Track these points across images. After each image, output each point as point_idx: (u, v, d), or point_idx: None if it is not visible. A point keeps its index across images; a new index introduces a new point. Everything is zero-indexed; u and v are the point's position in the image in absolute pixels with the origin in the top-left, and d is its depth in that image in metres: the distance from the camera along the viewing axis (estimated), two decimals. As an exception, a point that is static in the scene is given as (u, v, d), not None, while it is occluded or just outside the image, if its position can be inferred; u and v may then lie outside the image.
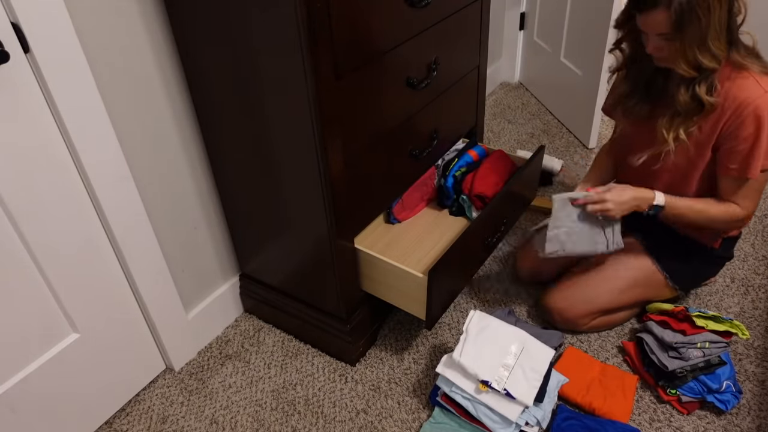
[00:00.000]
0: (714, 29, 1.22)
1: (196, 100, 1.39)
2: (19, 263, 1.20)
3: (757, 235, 1.99)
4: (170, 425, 1.50)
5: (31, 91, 1.10)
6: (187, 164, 1.47)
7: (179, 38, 1.30)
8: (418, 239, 1.61)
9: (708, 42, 1.23)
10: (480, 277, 1.89)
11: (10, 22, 1.03)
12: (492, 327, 1.45)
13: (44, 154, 1.16)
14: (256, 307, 1.78)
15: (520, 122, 2.77)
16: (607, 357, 1.61)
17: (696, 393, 1.43)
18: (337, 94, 1.19)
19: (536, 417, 1.36)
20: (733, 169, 1.36)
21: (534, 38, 2.87)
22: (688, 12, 1.20)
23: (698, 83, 1.30)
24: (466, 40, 1.63)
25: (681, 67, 1.28)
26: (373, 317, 1.64)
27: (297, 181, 1.33)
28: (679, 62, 1.27)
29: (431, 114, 1.57)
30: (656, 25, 1.25)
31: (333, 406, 1.53)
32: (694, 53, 1.25)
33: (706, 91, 1.30)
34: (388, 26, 1.28)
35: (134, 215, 1.37)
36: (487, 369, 1.35)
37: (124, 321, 1.46)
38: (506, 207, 1.68)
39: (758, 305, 1.73)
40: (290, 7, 1.04)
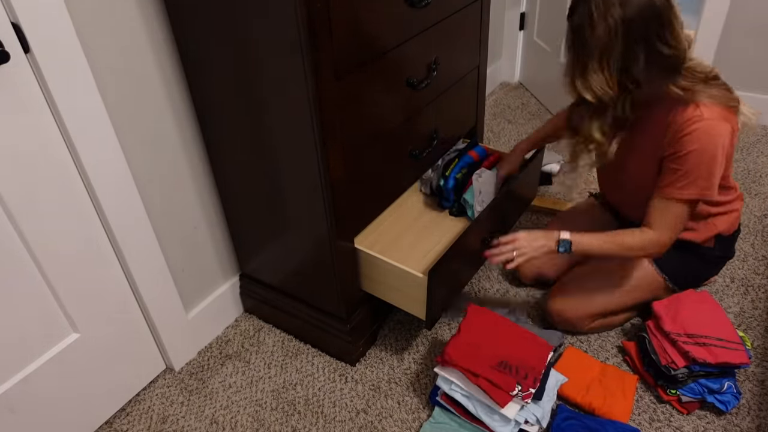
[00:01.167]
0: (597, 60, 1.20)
1: (196, 100, 1.39)
2: (19, 263, 1.20)
3: (757, 235, 1.99)
4: (170, 425, 1.50)
5: (31, 91, 1.10)
6: (187, 164, 1.47)
7: (179, 38, 1.30)
8: (418, 239, 1.61)
9: (587, 71, 1.22)
10: (480, 277, 1.89)
11: (10, 22, 1.03)
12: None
13: (44, 154, 1.16)
14: (256, 307, 1.78)
15: (520, 122, 2.77)
16: (607, 357, 1.61)
17: (696, 393, 1.42)
18: (337, 94, 1.19)
19: (536, 415, 1.36)
20: (662, 188, 1.35)
21: (534, 38, 2.87)
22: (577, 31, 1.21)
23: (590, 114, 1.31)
24: (466, 40, 1.63)
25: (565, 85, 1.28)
26: (373, 317, 1.64)
27: (297, 181, 1.33)
28: (564, 79, 1.28)
29: (431, 114, 1.57)
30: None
31: (333, 406, 1.53)
32: (574, 75, 1.25)
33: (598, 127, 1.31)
34: (388, 26, 1.28)
35: (134, 215, 1.37)
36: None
37: (124, 321, 1.46)
38: (506, 207, 1.68)
39: (758, 305, 1.73)
40: (290, 7, 1.04)
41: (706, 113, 1.26)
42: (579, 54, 1.23)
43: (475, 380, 1.35)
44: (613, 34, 1.18)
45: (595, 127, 1.31)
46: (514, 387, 1.33)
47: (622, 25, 1.18)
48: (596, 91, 1.24)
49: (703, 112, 1.27)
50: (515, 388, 1.33)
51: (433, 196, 1.75)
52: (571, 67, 1.25)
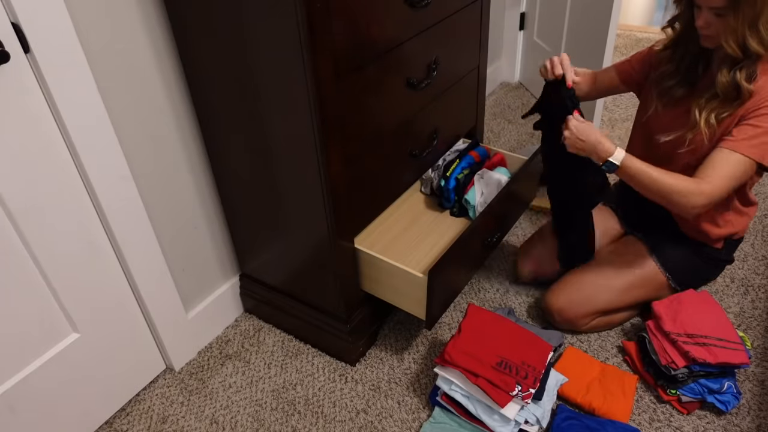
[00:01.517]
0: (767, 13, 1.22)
1: (196, 99, 1.39)
2: (19, 263, 1.20)
3: (757, 235, 1.99)
4: (170, 425, 1.50)
5: (31, 91, 1.10)
6: (187, 164, 1.47)
7: (179, 38, 1.30)
8: (418, 239, 1.61)
9: (759, 24, 1.23)
10: (480, 277, 1.89)
11: (10, 22, 1.03)
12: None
13: (44, 154, 1.16)
14: (256, 307, 1.78)
15: (520, 122, 2.77)
16: (607, 357, 1.61)
17: (696, 393, 1.43)
18: (337, 94, 1.19)
19: (536, 415, 1.36)
20: (727, 139, 1.34)
21: (534, 38, 2.87)
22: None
23: (740, 68, 1.29)
24: (466, 40, 1.63)
25: (729, 44, 1.27)
26: (373, 317, 1.64)
27: (297, 181, 1.33)
28: (728, 40, 1.27)
29: (431, 114, 1.57)
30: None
31: (333, 406, 1.53)
32: (744, 33, 1.24)
33: (746, 78, 1.30)
34: (388, 26, 1.28)
35: (134, 215, 1.37)
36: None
37: (124, 321, 1.46)
38: (506, 207, 1.68)
39: (758, 305, 1.73)
40: (290, 7, 1.04)
41: None
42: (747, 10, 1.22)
43: (475, 380, 1.35)
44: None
45: (743, 77, 1.30)
46: (514, 387, 1.33)
47: None
48: (766, 43, 1.25)
49: None
50: (515, 388, 1.33)
51: (434, 196, 1.75)
52: (740, 26, 1.24)
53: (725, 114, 1.34)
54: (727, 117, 1.35)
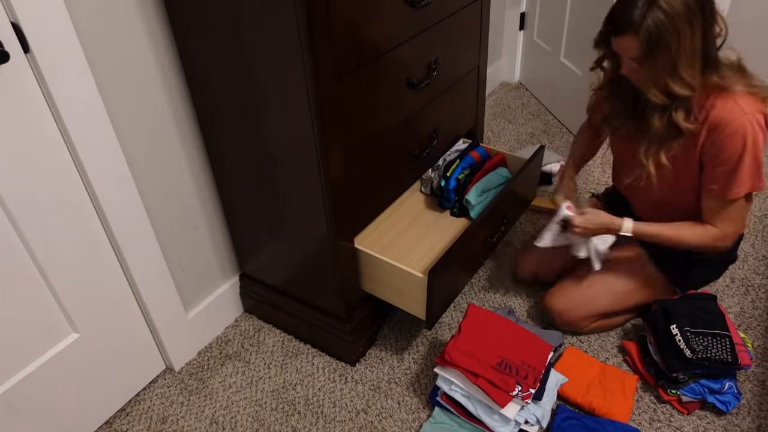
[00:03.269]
0: (685, 56, 1.20)
1: (196, 100, 1.39)
2: (19, 263, 1.20)
3: (757, 235, 1.99)
4: (170, 425, 1.50)
5: (31, 91, 1.10)
6: (187, 164, 1.47)
7: (179, 38, 1.30)
8: (418, 239, 1.61)
9: (679, 69, 1.21)
10: (480, 277, 1.89)
11: (10, 22, 1.03)
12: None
13: (44, 154, 1.16)
14: (256, 307, 1.78)
15: (520, 122, 2.77)
16: (607, 357, 1.61)
17: (697, 393, 1.43)
18: (337, 94, 1.19)
19: (536, 415, 1.36)
20: (714, 189, 1.35)
21: (534, 38, 2.87)
22: (657, 39, 1.18)
23: (674, 109, 1.28)
24: (466, 40, 1.63)
25: (652, 93, 1.26)
26: (373, 317, 1.64)
27: (297, 181, 1.33)
28: (651, 88, 1.26)
29: (431, 114, 1.57)
30: (627, 49, 1.24)
31: (333, 406, 1.53)
32: (665, 80, 1.23)
33: (684, 118, 1.28)
34: (388, 26, 1.28)
35: (134, 215, 1.37)
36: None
37: (124, 321, 1.46)
38: (506, 207, 1.68)
39: (758, 305, 1.73)
40: (290, 7, 1.04)
41: (745, 106, 1.25)
42: (664, 58, 1.20)
43: (475, 380, 1.35)
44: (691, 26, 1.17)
45: (681, 118, 1.28)
46: (514, 387, 1.33)
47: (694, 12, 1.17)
48: (691, 84, 1.23)
49: (742, 105, 1.25)
50: (515, 388, 1.33)
51: (434, 196, 1.75)
52: (658, 74, 1.23)
53: (672, 151, 1.34)
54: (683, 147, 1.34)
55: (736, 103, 1.26)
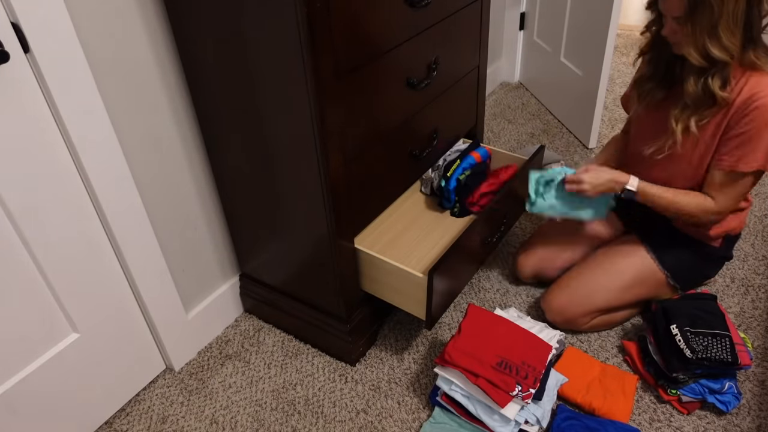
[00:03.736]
0: (726, 20, 1.21)
1: (196, 100, 1.39)
2: (19, 263, 1.20)
3: (757, 235, 1.99)
4: (170, 425, 1.50)
5: (31, 91, 1.10)
6: (187, 164, 1.47)
7: (179, 38, 1.30)
8: (418, 239, 1.61)
9: (719, 31, 1.22)
10: (480, 277, 1.89)
11: (10, 22, 1.03)
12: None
13: (44, 154, 1.16)
14: (256, 307, 1.78)
15: (520, 122, 2.77)
16: (607, 357, 1.61)
17: (697, 393, 1.43)
18: (337, 94, 1.19)
19: (536, 415, 1.36)
20: (724, 159, 1.36)
21: (534, 38, 2.87)
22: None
23: (711, 76, 1.29)
24: (466, 40, 1.63)
25: (691, 54, 1.27)
26: (373, 317, 1.64)
27: (297, 181, 1.33)
28: (689, 49, 1.27)
29: (431, 114, 1.57)
30: (672, 7, 1.26)
31: (333, 406, 1.53)
32: (704, 41, 1.24)
33: (720, 86, 1.29)
34: (388, 26, 1.28)
35: (134, 215, 1.37)
36: None
37: (124, 321, 1.46)
38: (506, 207, 1.68)
39: (758, 305, 1.73)
40: (290, 7, 1.04)
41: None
42: (704, 18, 1.22)
43: (475, 380, 1.35)
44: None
45: (717, 86, 1.29)
46: (514, 387, 1.33)
47: None
48: (730, 49, 1.24)
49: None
50: (515, 388, 1.33)
51: (434, 196, 1.75)
52: (698, 34, 1.24)
53: (704, 120, 1.35)
54: (708, 122, 1.35)
55: (767, 80, 1.28)
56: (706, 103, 1.33)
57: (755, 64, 1.29)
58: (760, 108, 1.28)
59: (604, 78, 2.32)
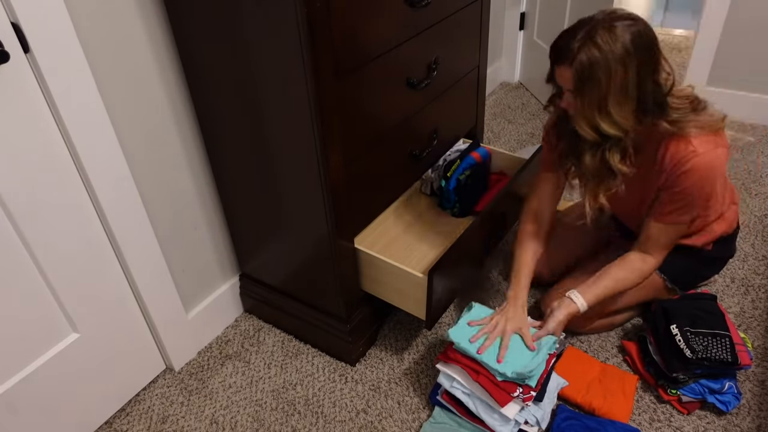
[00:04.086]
0: (615, 95, 1.18)
1: (196, 100, 1.39)
2: (19, 263, 1.20)
3: (757, 235, 1.99)
4: (170, 425, 1.50)
5: (31, 91, 1.10)
6: (187, 164, 1.47)
7: (179, 38, 1.30)
8: (419, 239, 1.61)
9: (608, 107, 1.19)
10: (480, 277, 1.89)
11: (10, 22, 1.03)
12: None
13: (44, 154, 1.16)
14: (256, 307, 1.78)
15: (520, 122, 2.77)
16: (607, 357, 1.61)
17: (697, 393, 1.42)
18: (337, 94, 1.19)
19: (536, 416, 1.36)
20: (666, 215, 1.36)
21: (534, 38, 2.87)
22: (588, 73, 1.17)
23: (608, 149, 1.27)
24: (466, 40, 1.63)
25: (582, 128, 1.25)
26: (373, 317, 1.64)
27: (297, 181, 1.33)
28: (580, 123, 1.25)
29: (431, 114, 1.57)
30: (564, 80, 1.23)
31: (333, 406, 1.53)
32: (593, 116, 1.21)
33: (619, 160, 1.28)
34: (388, 26, 1.28)
35: (134, 215, 1.37)
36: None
37: (124, 321, 1.46)
38: (506, 207, 1.68)
39: (758, 305, 1.73)
40: (290, 7, 1.04)
41: (699, 147, 1.26)
42: (593, 93, 1.19)
43: (476, 377, 1.35)
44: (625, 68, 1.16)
45: (616, 159, 1.28)
46: (515, 389, 1.33)
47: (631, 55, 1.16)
48: (621, 124, 1.22)
49: (696, 146, 1.26)
50: (516, 389, 1.33)
51: (434, 196, 1.76)
52: (587, 109, 1.22)
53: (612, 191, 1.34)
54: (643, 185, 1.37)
55: (689, 144, 1.26)
56: (608, 176, 1.31)
57: (670, 131, 1.27)
58: (691, 170, 1.27)
59: (604, 78, 2.32)
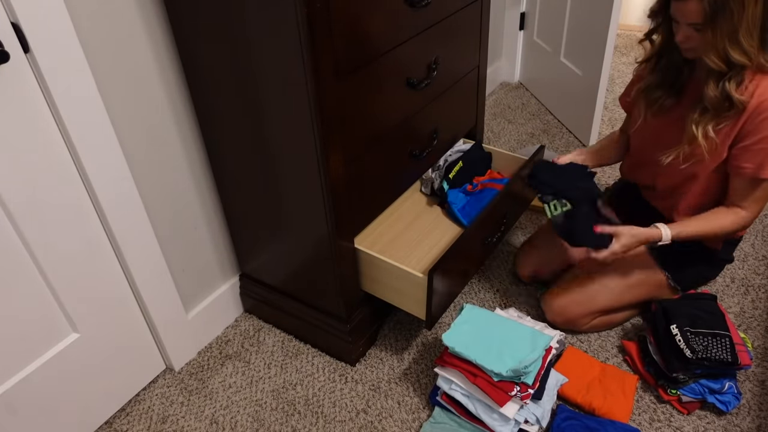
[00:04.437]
0: (746, 24, 1.22)
1: (196, 100, 1.39)
2: (19, 263, 1.20)
3: (757, 235, 1.99)
4: (170, 425, 1.50)
5: (31, 92, 1.10)
6: (187, 164, 1.47)
7: (179, 38, 1.30)
8: (418, 239, 1.61)
9: (739, 36, 1.23)
10: (480, 277, 1.89)
11: (10, 22, 1.03)
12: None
13: (44, 154, 1.16)
14: (256, 307, 1.78)
15: (520, 122, 2.77)
16: (607, 357, 1.61)
17: (697, 393, 1.42)
18: (337, 94, 1.19)
19: (535, 415, 1.36)
20: (746, 168, 1.36)
21: (534, 38, 2.87)
22: (722, 4, 1.20)
23: (728, 79, 1.29)
24: (466, 40, 1.63)
25: (711, 59, 1.27)
26: (373, 317, 1.64)
27: (297, 181, 1.33)
28: (709, 54, 1.27)
29: (431, 114, 1.57)
30: (689, 14, 1.25)
31: (333, 406, 1.53)
32: (725, 46, 1.24)
33: (736, 88, 1.29)
34: (388, 26, 1.28)
35: (134, 215, 1.37)
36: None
37: (124, 321, 1.46)
38: (506, 207, 1.67)
39: (758, 305, 1.73)
40: (290, 7, 1.04)
41: None
42: (725, 23, 1.21)
43: (474, 380, 1.35)
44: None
45: (734, 88, 1.29)
46: (512, 388, 1.33)
47: None
48: (750, 53, 1.24)
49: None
50: (514, 388, 1.33)
51: (434, 196, 1.75)
52: (719, 39, 1.24)
53: (722, 125, 1.34)
54: (725, 127, 1.35)
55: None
56: (723, 107, 1.32)
57: (764, 67, 1.29)
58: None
59: (604, 78, 2.32)
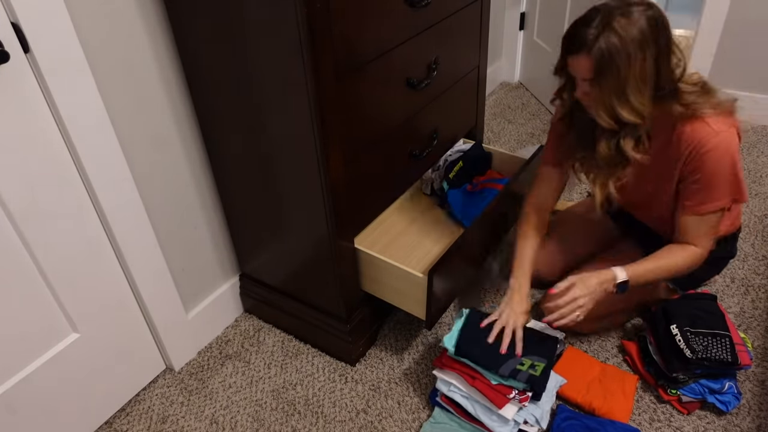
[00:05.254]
0: (634, 82, 1.18)
1: (197, 100, 1.39)
2: (19, 263, 1.20)
3: (757, 235, 1.99)
4: (170, 425, 1.50)
5: (31, 92, 1.10)
6: (187, 164, 1.47)
7: (179, 38, 1.30)
8: (418, 239, 1.61)
9: (627, 94, 1.19)
10: (480, 277, 1.89)
11: (10, 22, 1.03)
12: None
13: (44, 154, 1.16)
14: (256, 307, 1.78)
15: (520, 122, 2.77)
16: (607, 357, 1.61)
17: (697, 393, 1.42)
18: (337, 95, 1.19)
19: (535, 415, 1.36)
20: (687, 205, 1.35)
21: (534, 38, 2.87)
22: (608, 60, 1.16)
23: (623, 137, 1.27)
24: (466, 40, 1.63)
25: (601, 117, 1.24)
26: (373, 317, 1.64)
27: (297, 181, 1.33)
28: (599, 111, 1.24)
29: (431, 114, 1.57)
30: (581, 69, 1.23)
31: (333, 406, 1.53)
32: (612, 104, 1.21)
33: (633, 146, 1.27)
34: (388, 26, 1.28)
35: (134, 215, 1.37)
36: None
37: (124, 321, 1.46)
38: (506, 207, 1.68)
39: (758, 305, 1.73)
40: (290, 7, 1.04)
41: (716, 126, 1.25)
42: (613, 81, 1.19)
43: (473, 382, 1.35)
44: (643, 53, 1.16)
45: (630, 146, 1.28)
46: (511, 390, 1.33)
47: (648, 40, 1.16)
48: (640, 110, 1.21)
49: (713, 126, 1.26)
50: (512, 391, 1.33)
51: (434, 196, 1.76)
52: (607, 97, 1.21)
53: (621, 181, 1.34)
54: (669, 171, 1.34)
55: (706, 125, 1.26)
56: (620, 164, 1.32)
57: (685, 114, 1.27)
58: (709, 152, 1.26)
59: (604, 78, 2.32)
